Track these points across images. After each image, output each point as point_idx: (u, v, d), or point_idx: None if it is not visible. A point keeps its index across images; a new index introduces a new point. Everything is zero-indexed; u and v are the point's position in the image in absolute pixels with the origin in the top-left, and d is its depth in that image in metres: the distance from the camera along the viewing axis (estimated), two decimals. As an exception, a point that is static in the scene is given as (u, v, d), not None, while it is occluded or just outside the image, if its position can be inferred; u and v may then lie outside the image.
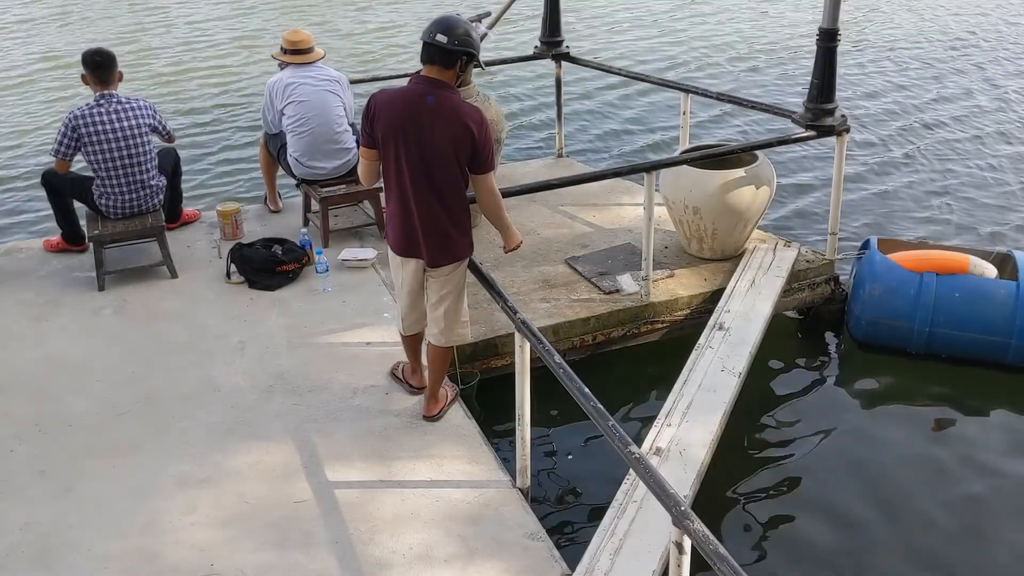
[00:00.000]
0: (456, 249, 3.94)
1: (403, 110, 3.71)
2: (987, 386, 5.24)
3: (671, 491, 2.72)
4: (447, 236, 3.89)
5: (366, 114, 3.80)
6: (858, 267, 5.69)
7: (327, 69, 5.94)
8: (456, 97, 3.77)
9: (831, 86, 5.40)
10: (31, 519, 3.71)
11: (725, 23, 14.32)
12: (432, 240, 3.88)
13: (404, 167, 3.76)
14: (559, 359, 3.41)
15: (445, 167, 3.75)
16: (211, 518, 3.70)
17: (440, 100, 3.71)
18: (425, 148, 3.71)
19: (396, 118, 3.72)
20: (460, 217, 3.90)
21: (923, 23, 14.02)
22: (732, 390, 4.49)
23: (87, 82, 5.38)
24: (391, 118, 3.72)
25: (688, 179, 5.53)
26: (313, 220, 6.09)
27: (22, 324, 5.13)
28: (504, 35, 12.79)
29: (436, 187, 3.78)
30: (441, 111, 3.70)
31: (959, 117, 9.88)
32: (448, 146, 3.70)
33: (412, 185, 3.78)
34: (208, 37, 14.08)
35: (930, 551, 4.19)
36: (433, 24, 3.73)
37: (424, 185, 3.77)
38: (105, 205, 5.46)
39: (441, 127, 3.69)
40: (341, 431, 4.20)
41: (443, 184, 3.78)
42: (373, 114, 3.77)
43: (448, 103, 3.72)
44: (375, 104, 3.77)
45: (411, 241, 3.92)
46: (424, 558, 3.50)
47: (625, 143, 9.46)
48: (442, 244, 3.90)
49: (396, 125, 3.72)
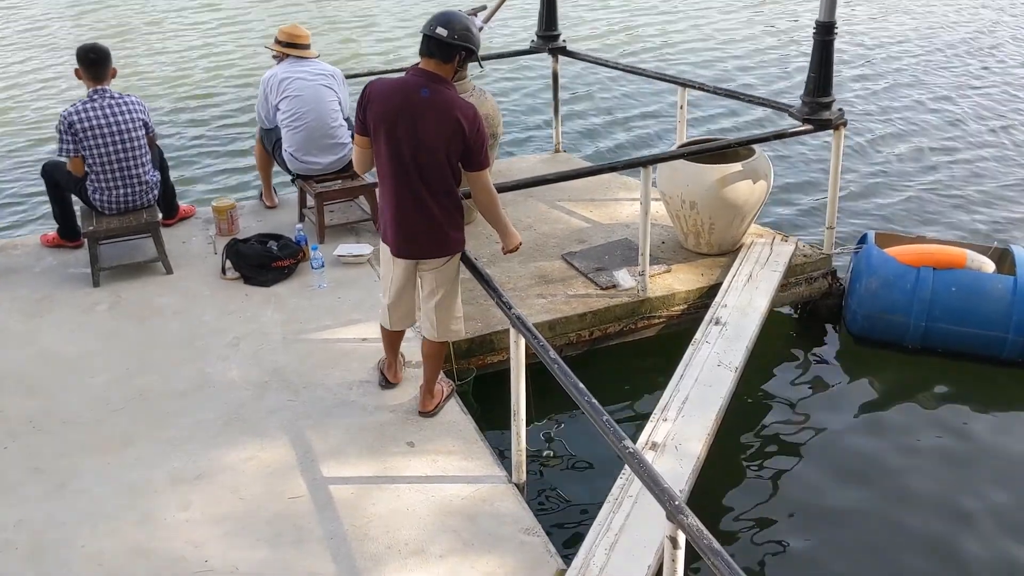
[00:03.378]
0: (447, 243, 3.92)
1: (397, 101, 3.71)
2: (983, 381, 5.24)
3: (665, 485, 2.71)
4: (438, 229, 3.86)
5: (360, 101, 3.79)
6: (855, 261, 5.68)
7: (322, 64, 5.92)
8: (451, 92, 3.75)
9: (828, 80, 5.39)
10: (24, 516, 3.69)
11: (723, 17, 14.29)
12: (422, 232, 3.87)
13: (395, 158, 3.75)
14: (554, 355, 3.40)
15: (435, 161, 3.73)
16: (206, 515, 3.69)
17: (434, 94, 3.69)
18: (416, 141, 3.70)
19: (389, 108, 3.71)
20: (451, 211, 3.88)
21: (922, 19, 14.01)
22: (728, 385, 4.49)
23: (81, 77, 5.36)
24: (384, 108, 3.72)
25: (685, 174, 5.51)
26: (309, 216, 6.08)
27: (16, 320, 5.11)
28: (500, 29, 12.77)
29: (426, 180, 3.76)
30: (434, 105, 3.68)
31: (958, 112, 9.87)
32: (439, 140, 3.69)
33: (403, 176, 3.77)
34: (204, 32, 14.06)
35: (925, 545, 4.19)
36: (434, 18, 3.74)
37: (415, 177, 3.76)
38: (99, 200, 5.44)
39: (433, 121, 3.68)
40: (336, 427, 4.18)
41: (433, 177, 3.77)
42: (367, 101, 3.76)
43: (442, 97, 3.70)
44: (369, 92, 3.77)
45: (401, 233, 3.90)
46: (419, 554, 3.49)
47: (622, 138, 9.45)
48: (432, 237, 3.88)
49: (389, 115, 3.70)
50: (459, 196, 3.91)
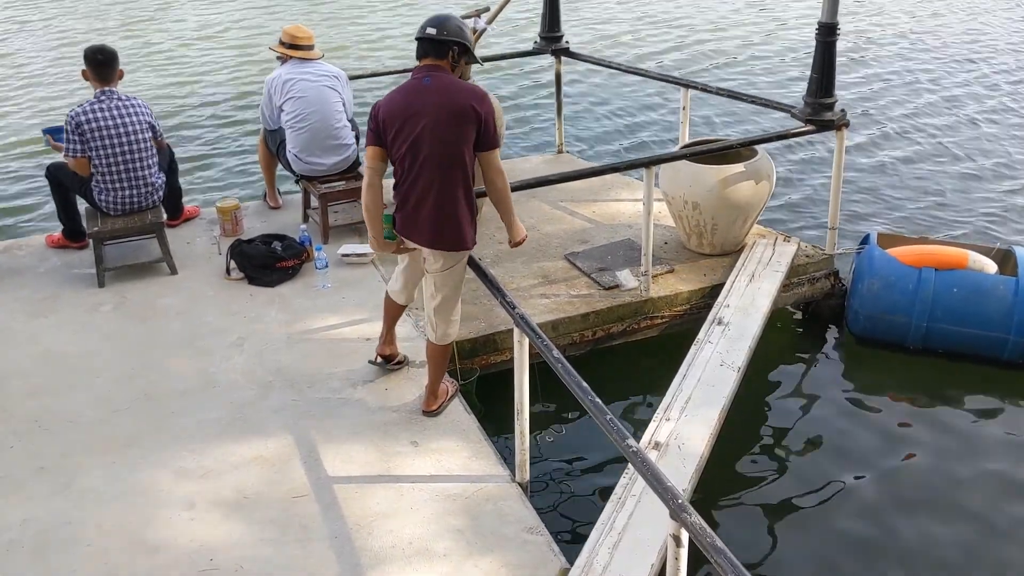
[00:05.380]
0: (458, 235, 3.90)
1: (403, 99, 3.78)
2: (984, 382, 5.24)
3: (668, 484, 2.72)
4: (450, 218, 3.86)
5: (371, 114, 3.88)
6: (857, 262, 5.68)
7: (326, 65, 5.94)
8: (452, 76, 3.81)
9: (830, 80, 5.40)
10: (30, 515, 3.71)
11: (726, 17, 14.30)
12: (435, 221, 3.86)
13: (411, 149, 3.79)
14: (557, 354, 3.41)
15: (449, 144, 3.74)
16: (210, 513, 3.71)
17: (436, 79, 3.76)
18: (428, 126, 3.73)
19: (398, 109, 3.77)
20: (464, 202, 3.87)
21: (924, 19, 14.00)
22: (731, 384, 4.49)
23: (88, 78, 5.39)
24: (391, 109, 3.79)
25: (687, 174, 5.52)
26: (312, 216, 6.09)
27: (21, 320, 5.13)
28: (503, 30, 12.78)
29: (442, 167, 3.77)
30: (439, 88, 3.74)
31: (961, 113, 9.87)
32: (451, 121, 3.72)
33: (419, 166, 3.79)
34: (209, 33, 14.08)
35: (926, 545, 4.19)
36: (425, 21, 3.84)
37: (430, 165, 3.78)
38: (105, 201, 5.46)
39: (441, 104, 3.72)
40: (340, 426, 4.20)
41: (449, 163, 3.77)
42: (376, 112, 3.84)
43: (444, 81, 3.76)
44: (377, 105, 3.85)
45: (414, 222, 3.91)
46: (423, 552, 3.50)
47: (624, 138, 9.45)
48: (444, 227, 3.87)
49: (399, 115, 3.77)
50: (472, 187, 3.92)
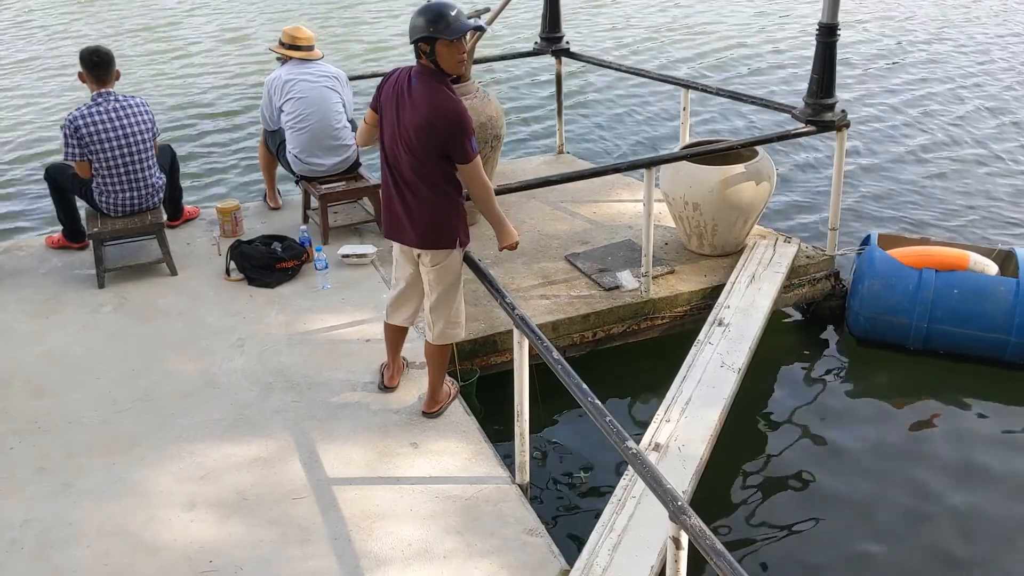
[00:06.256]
0: (441, 236, 3.92)
1: (393, 87, 3.86)
2: (985, 383, 5.24)
3: (668, 486, 2.72)
4: (430, 220, 3.89)
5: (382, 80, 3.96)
6: (858, 262, 5.68)
7: (326, 66, 5.94)
8: (436, 86, 3.74)
9: (831, 81, 5.39)
10: (31, 516, 3.72)
11: (725, 18, 14.30)
12: (416, 223, 3.91)
13: (388, 145, 3.88)
14: (557, 355, 3.41)
15: (420, 150, 3.77)
16: (210, 514, 3.71)
17: (419, 86, 3.76)
18: (402, 129, 3.79)
19: (389, 93, 3.86)
20: (443, 204, 3.87)
21: (925, 21, 14.00)
22: (731, 386, 4.49)
23: (84, 80, 5.38)
24: (387, 92, 3.88)
25: (688, 175, 5.52)
26: (312, 217, 6.10)
27: (22, 321, 5.14)
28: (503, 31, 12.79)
29: (416, 169, 3.81)
30: (417, 95, 3.75)
31: (963, 114, 9.86)
32: (420, 130, 3.74)
33: (395, 164, 3.88)
34: (208, 34, 14.08)
35: (927, 546, 4.19)
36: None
37: (405, 166, 3.83)
38: (105, 203, 5.46)
39: (415, 111, 3.74)
40: (340, 427, 4.20)
41: (423, 167, 3.80)
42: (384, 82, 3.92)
43: (424, 89, 3.73)
44: (387, 76, 3.94)
45: (396, 222, 3.98)
46: (423, 554, 3.51)
47: (625, 139, 9.45)
48: (426, 228, 3.90)
49: (388, 99, 3.86)
50: (454, 190, 3.90)
